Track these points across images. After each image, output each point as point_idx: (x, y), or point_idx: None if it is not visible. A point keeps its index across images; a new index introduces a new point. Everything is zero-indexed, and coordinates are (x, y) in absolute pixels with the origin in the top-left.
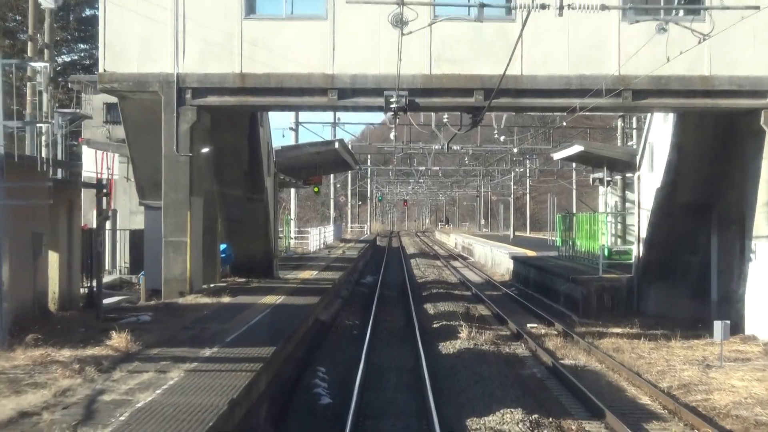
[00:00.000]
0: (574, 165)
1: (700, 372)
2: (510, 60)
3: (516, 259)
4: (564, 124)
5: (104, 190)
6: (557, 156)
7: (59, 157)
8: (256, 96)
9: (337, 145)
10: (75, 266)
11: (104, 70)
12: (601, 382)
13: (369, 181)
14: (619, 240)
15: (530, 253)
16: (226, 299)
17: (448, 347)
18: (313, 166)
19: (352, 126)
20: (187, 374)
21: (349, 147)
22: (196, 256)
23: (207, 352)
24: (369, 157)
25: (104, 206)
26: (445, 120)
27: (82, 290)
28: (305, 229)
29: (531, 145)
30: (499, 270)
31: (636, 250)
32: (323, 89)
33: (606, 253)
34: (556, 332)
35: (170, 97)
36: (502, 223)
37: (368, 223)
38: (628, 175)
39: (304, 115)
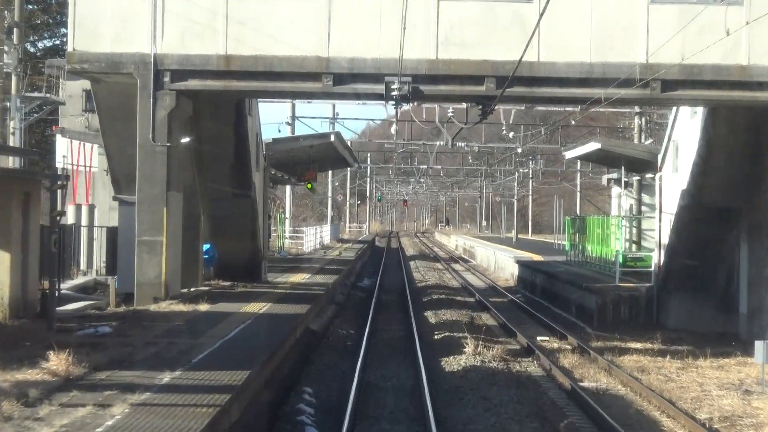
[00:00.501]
0: (578, 166)
1: (740, 400)
2: (527, 45)
3: (522, 263)
4: (573, 122)
5: (59, 182)
6: (570, 155)
7: (18, 143)
8: (242, 81)
9: (332, 138)
10: (32, 268)
11: (74, 49)
12: (630, 411)
13: (369, 180)
14: (633, 246)
15: (536, 257)
16: (204, 307)
17: (452, 364)
18: (308, 161)
19: (352, 123)
20: (134, 410)
21: (349, 144)
22: (173, 258)
23: (166, 378)
24: (369, 155)
25: (71, 200)
26: (450, 114)
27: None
28: (300, 228)
29: (537, 144)
30: (503, 274)
31: (656, 257)
32: (317, 74)
33: (621, 260)
34: (570, 347)
35: (146, 80)
36: (504, 225)
37: (367, 223)
38: (648, 175)
39: (301, 109)
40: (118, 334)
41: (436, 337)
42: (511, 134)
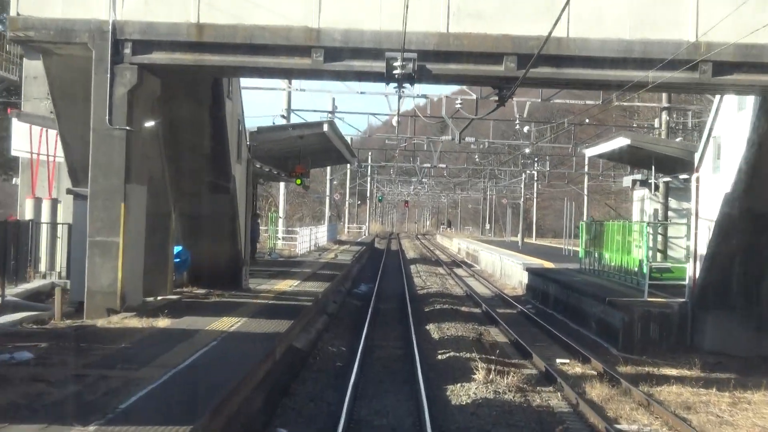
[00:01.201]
0: (586, 168)
1: None
2: (557, 20)
3: (532, 271)
4: (586, 121)
5: None
6: (593, 152)
7: None
8: (217, 54)
9: (325, 127)
10: None
11: (17, 14)
12: None
13: (369, 179)
14: (659, 255)
15: (547, 264)
16: (164, 322)
17: (459, 394)
18: (299, 154)
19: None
20: None
21: (349, 141)
22: (132, 262)
23: None
24: (370, 154)
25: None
26: (458, 105)
27: None
28: (294, 229)
29: (548, 143)
30: (510, 282)
31: (690, 269)
32: (306, 48)
33: (645, 270)
34: (595, 372)
35: (103, 52)
36: (509, 228)
37: (367, 224)
38: (682, 176)
39: (298, 102)
40: (39, 361)
41: (440, 357)
42: (525, 128)
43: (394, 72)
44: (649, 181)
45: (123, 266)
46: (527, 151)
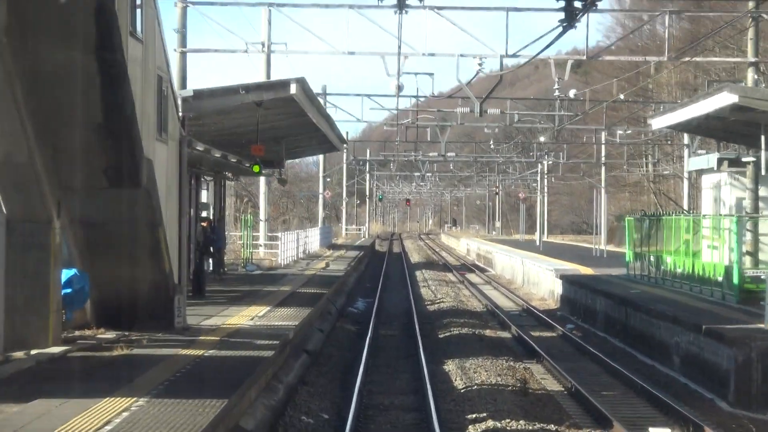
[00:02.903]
0: (602, 157)
1: None
2: None
3: (568, 279)
4: (621, 96)
5: None
6: (664, 122)
7: None
8: None
9: (293, 88)
10: None
11: None
12: None
13: (368, 177)
14: (747, 259)
15: (583, 269)
16: None
17: None
18: (265, 133)
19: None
20: None
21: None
22: None
23: None
24: (368, 151)
25: None
26: (480, 64)
27: None
28: (275, 234)
29: (575, 124)
30: (538, 291)
31: None
32: None
33: (736, 280)
34: None
35: None
36: (523, 226)
37: (366, 225)
38: None
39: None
40: None
41: (471, 424)
42: (572, 93)
43: None
44: (746, 160)
45: None
46: (542, 139)
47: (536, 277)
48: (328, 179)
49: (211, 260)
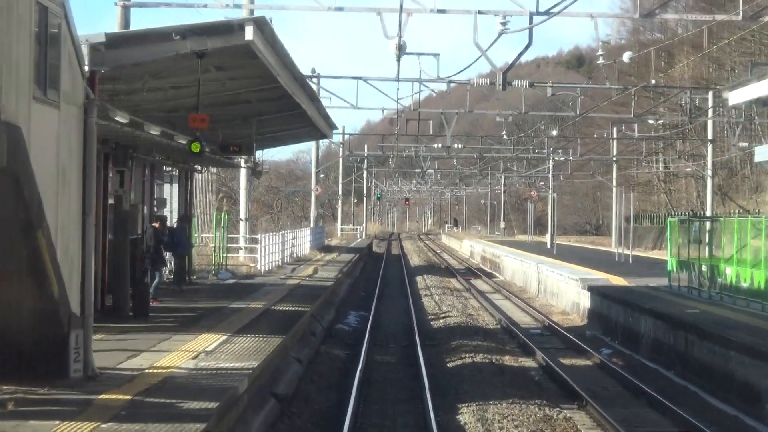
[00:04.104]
0: (614, 153)
1: None
2: None
3: (599, 292)
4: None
5: None
6: (746, 94)
7: None
8: None
9: (249, 32)
10: None
11: None
12: None
13: (365, 174)
14: None
15: (614, 279)
16: None
17: None
18: (227, 109)
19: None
20: None
21: (342, 130)
22: None
23: None
24: (366, 146)
25: None
26: (503, 24)
27: None
28: (255, 236)
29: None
30: (557, 303)
31: None
32: None
33: None
34: None
35: None
36: (531, 227)
37: (364, 225)
38: None
39: None
40: None
41: None
42: (626, 55)
43: None
44: None
45: None
46: (554, 133)
47: (555, 287)
48: (322, 175)
49: (170, 268)
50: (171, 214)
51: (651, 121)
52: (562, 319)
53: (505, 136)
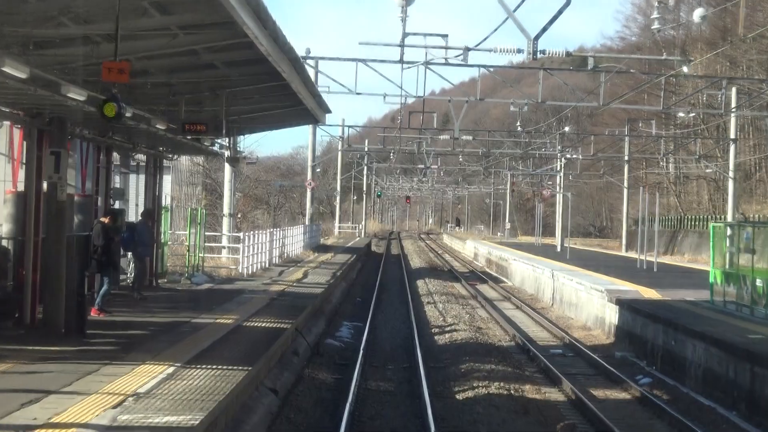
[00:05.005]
0: (625, 152)
1: None
2: None
3: (629, 307)
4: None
5: None
6: None
7: None
8: None
9: None
10: None
11: None
12: None
13: (365, 170)
14: None
15: (644, 290)
16: None
17: None
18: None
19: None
20: None
21: (342, 123)
22: None
23: None
24: (366, 141)
25: None
26: None
27: None
28: (239, 234)
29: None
30: (576, 316)
31: None
32: None
33: None
34: None
35: None
36: (539, 229)
37: (363, 223)
38: None
39: None
40: None
41: None
42: (697, 13)
43: None
44: None
45: None
46: (567, 129)
47: (573, 297)
48: (318, 170)
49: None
50: (137, 209)
51: (681, 114)
52: (583, 336)
53: (519, 128)
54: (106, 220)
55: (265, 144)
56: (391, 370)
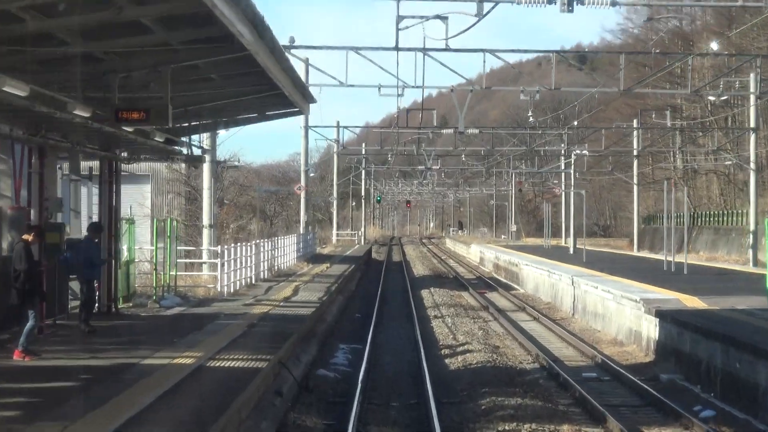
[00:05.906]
0: (635, 147)
1: None
2: None
3: (674, 319)
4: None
5: None
6: None
7: None
8: None
9: None
10: None
11: None
12: None
13: (363, 174)
14: None
15: (685, 298)
16: None
17: None
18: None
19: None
20: None
21: (337, 123)
22: None
23: None
24: (364, 145)
25: None
26: None
27: None
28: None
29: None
30: (604, 328)
31: None
32: None
33: None
34: None
35: None
36: (549, 230)
37: (362, 229)
38: None
39: None
40: None
41: None
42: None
43: None
44: None
45: None
46: (575, 123)
47: (599, 306)
48: (312, 174)
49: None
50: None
51: (711, 98)
52: (617, 353)
53: (531, 118)
54: (29, 237)
55: (260, 151)
56: (396, 408)
